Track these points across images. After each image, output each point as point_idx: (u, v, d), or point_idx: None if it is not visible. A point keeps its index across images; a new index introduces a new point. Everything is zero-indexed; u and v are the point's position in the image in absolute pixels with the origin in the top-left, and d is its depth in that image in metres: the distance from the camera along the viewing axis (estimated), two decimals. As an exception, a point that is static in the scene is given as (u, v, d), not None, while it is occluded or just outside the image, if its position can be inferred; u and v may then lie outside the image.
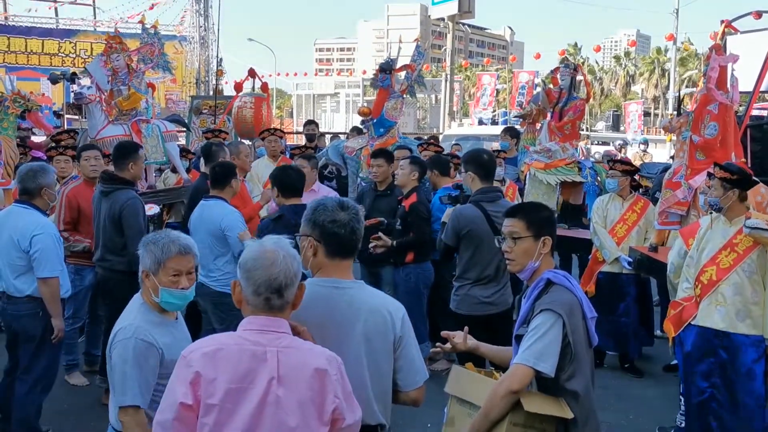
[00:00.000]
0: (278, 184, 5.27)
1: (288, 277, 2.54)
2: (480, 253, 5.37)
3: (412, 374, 2.98)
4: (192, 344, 2.59)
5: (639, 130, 28.23)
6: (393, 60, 9.56)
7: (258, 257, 2.55)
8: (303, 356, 2.52)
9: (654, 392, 6.68)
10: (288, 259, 2.56)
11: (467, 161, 5.63)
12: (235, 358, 2.46)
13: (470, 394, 3.27)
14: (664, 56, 70.61)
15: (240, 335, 2.54)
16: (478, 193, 5.47)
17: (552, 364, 3.08)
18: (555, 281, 3.22)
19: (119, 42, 8.87)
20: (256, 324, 2.54)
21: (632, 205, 7.18)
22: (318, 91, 63.50)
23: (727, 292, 4.97)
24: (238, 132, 12.06)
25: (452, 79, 34.17)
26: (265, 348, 2.49)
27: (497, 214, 5.23)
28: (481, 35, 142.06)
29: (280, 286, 2.53)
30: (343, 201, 3.02)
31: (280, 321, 2.57)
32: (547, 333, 3.09)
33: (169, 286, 3.25)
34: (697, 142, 6.47)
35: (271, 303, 2.55)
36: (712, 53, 6.42)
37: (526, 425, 3.09)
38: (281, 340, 2.53)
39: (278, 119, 27.83)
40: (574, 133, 9.06)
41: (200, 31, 26.95)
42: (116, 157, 6.14)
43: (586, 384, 3.21)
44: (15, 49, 27.27)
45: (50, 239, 4.96)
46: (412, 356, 2.97)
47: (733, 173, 5.06)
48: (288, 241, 2.63)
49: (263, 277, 2.52)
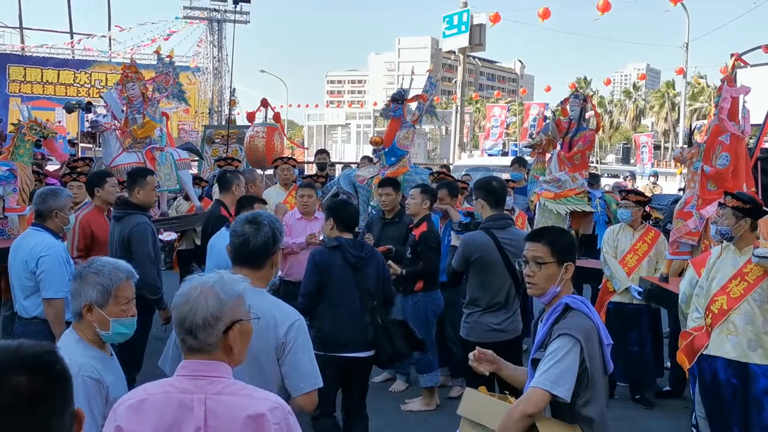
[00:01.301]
0: (336, 218, 5.23)
1: (201, 317, 2.29)
2: (490, 280, 5.39)
3: (296, 380, 3.15)
4: (123, 396, 2.41)
5: (650, 162, 28.25)
6: (405, 90, 9.64)
7: (179, 293, 2.36)
8: (236, 403, 2.26)
9: (665, 424, 6.63)
10: (206, 297, 2.31)
11: (478, 188, 5.67)
12: (159, 408, 2.26)
13: (483, 417, 3.28)
14: (673, 90, 70.84)
15: (170, 382, 2.32)
16: (489, 220, 5.50)
17: (568, 389, 3.08)
18: (573, 306, 3.23)
19: (135, 71, 8.99)
20: (187, 368, 2.32)
21: (643, 236, 7.18)
22: (329, 121, 63.91)
23: (738, 321, 4.95)
24: (250, 161, 12.15)
25: (463, 110, 34.35)
26: (192, 396, 2.26)
27: (508, 241, 5.35)
28: (492, 68, 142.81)
29: (191, 327, 2.29)
30: (255, 216, 3.36)
31: (216, 364, 2.31)
32: (565, 357, 3.09)
33: (119, 315, 3.04)
34: (708, 172, 6.48)
35: (187, 344, 2.32)
36: (723, 85, 6.45)
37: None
38: (213, 385, 2.27)
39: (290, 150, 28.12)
40: (584, 164, 9.08)
41: (214, 62, 27.26)
42: (127, 183, 6.27)
43: (601, 411, 3.20)
44: (31, 79, 27.67)
45: (56, 260, 4.95)
46: (297, 363, 3.15)
47: (746, 202, 5.07)
48: (232, 277, 2.42)
49: (177, 317, 2.33)
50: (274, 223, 3.37)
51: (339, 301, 5.03)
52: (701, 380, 5.18)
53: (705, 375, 5.13)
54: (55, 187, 5.76)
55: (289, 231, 7.48)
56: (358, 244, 5.18)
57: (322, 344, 4.87)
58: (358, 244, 5.20)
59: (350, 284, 5.05)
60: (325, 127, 61.76)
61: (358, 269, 5.08)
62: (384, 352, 5.15)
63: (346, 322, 5.00)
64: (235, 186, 7.01)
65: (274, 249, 3.34)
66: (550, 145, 9.33)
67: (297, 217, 7.59)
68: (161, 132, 9.07)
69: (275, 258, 3.36)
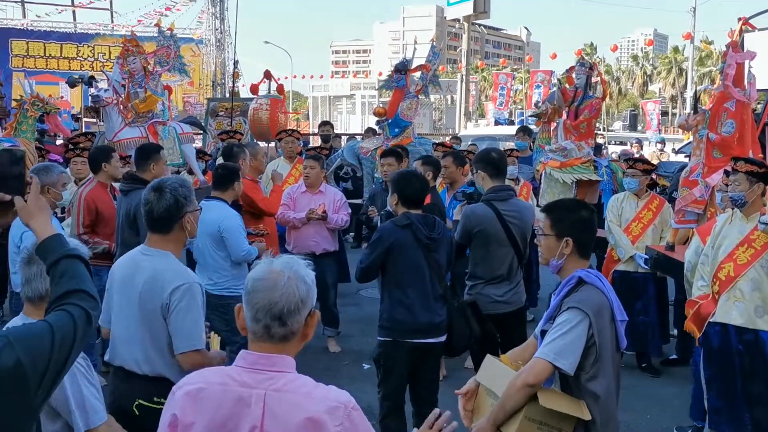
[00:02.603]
0: (399, 193, 4.92)
1: (292, 302, 2.22)
2: (491, 252, 5.32)
3: (176, 341, 3.41)
4: (184, 378, 2.34)
5: (657, 129, 28.05)
6: (408, 61, 9.58)
7: (260, 278, 2.25)
8: (295, 402, 2.17)
9: (672, 391, 6.64)
10: (294, 282, 2.24)
11: (477, 160, 5.59)
12: (217, 400, 2.20)
13: (495, 384, 3.30)
14: (681, 55, 70.19)
15: (229, 373, 2.25)
16: (490, 191, 5.41)
17: (572, 362, 3.09)
18: (587, 280, 3.23)
19: (135, 45, 8.93)
20: (248, 360, 2.25)
21: (648, 204, 7.14)
22: (334, 92, 63.60)
23: (746, 288, 4.95)
24: (254, 134, 12.11)
25: (468, 79, 34.14)
26: (251, 391, 2.19)
27: (509, 213, 5.28)
28: (497, 36, 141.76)
29: (281, 313, 2.21)
30: (160, 183, 3.58)
31: (277, 358, 2.24)
32: (571, 330, 3.10)
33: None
34: (714, 139, 6.42)
35: (272, 332, 2.23)
36: (728, 50, 6.37)
37: (542, 422, 3.09)
38: (274, 381, 2.20)
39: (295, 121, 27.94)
40: (590, 132, 9.02)
41: (216, 33, 27.07)
42: (138, 158, 6.23)
43: (608, 387, 3.19)
44: (34, 54, 27.53)
45: None
46: (178, 324, 3.40)
47: (760, 166, 5.02)
48: (304, 263, 2.34)
49: (263, 302, 2.22)
50: (177, 189, 3.52)
51: (409, 283, 4.76)
52: (706, 347, 5.17)
53: (711, 342, 5.12)
54: (48, 164, 5.76)
55: (293, 204, 7.46)
56: (429, 222, 4.85)
57: (392, 330, 4.76)
58: (429, 221, 4.86)
59: (422, 266, 4.77)
60: (330, 98, 61.46)
61: (430, 250, 4.79)
62: (460, 337, 4.93)
63: (418, 306, 4.74)
64: (241, 159, 6.98)
65: (179, 214, 3.52)
66: (555, 113, 9.25)
67: (302, 190, 7.56)
68: (163, 106, 9.03)
69: (183, 222, 3.54)
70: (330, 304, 7.71)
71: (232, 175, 6.02)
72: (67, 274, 2.27)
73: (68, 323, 2.12)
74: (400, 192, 4.89)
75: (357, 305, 9.46)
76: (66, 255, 2.31)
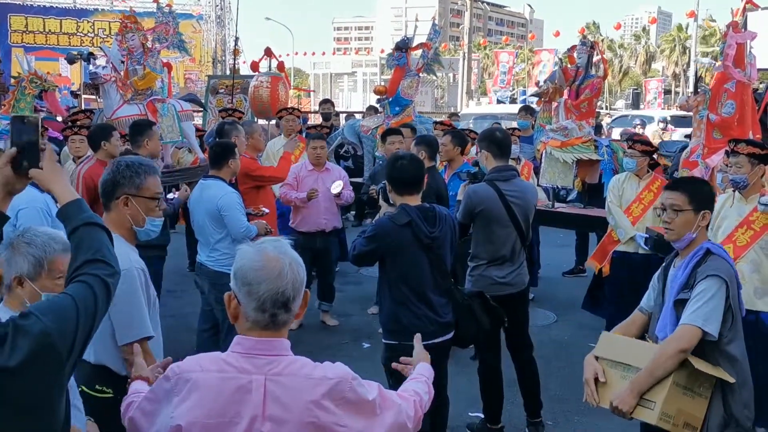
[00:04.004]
0: (390, 179, 4.56)
1: (296, 288, 2.19)
2: (494, 233, 5.21)
3: (118, 332, 3.28)
4: (175, 365, 2.26)
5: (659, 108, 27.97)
6: (409, 39, 9.53)
7: (261, 267, 2.18)
8: (297, 385, 2.15)
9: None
10: (295, 266, 2.20)
11: (481, 139, 5.49)
12: (215, 389, 2.14)
13: (627, 356, 3.44)
14: (685, 33, 69.78)
15: (226, 359, 2.20)
16: (493, 171, 5.29)
17: (717, 327, 3.29)
18: (714, 251, 3.46)
19: (134, 21, 8.86)
20: (245, 345, 2.20)
21: (649, 185, 7.09)
22: (335, 70, 63.46)
23: (745, 270, 4.94)
24: (255, 112, 12.06)
25: (470, 57, 33.99)
26: (251, 377, 2.15)
27: (512, 193, 5.18)
28: (500, 13, 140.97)
29: (288, 300, 2.18)
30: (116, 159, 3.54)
31: (275, 341, 2.20)
32: (713, 297, 3.30)
33: (52, 290, 2.71)
34: (714, 120, 6.40)
35: (278, 319, 2.19)
36: (729, 31, 6.33)
37: (686, 387, 3.28)
38: (273, 365, 2.17)
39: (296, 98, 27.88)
40: (591, 111, 8.97)
41: (216, 10, 26.87)
42: (132, 135, 6.23)
43: (743, 350, 3.43)
44: (33, 29, 27.33)
45: (34, 213, 4.80)
46: (119, 315, 3.23)
47: (762, 148, 5.01)
48: (288, 242, 2.29)
49: (270, 292, 2.16)
50: (121, 167, 3.36)
51: (411, 283, 4.48)
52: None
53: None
54: None
55: (298, 184, 7.47)
56: (430, 217, 4.47)
57: (396, 333, 4.49)
58: (430, 216, 4.47)
59: (423, 265, 4.46)
60: (331, 76, 61.26)
61: (431, 249, 4.47)
62: (467, 331, 4.74)
63: (422, 307, 4.49)
64: (234, 137, 6.95)
65: (114, 193, 3.34)
66: (556, 93, 9.20)
67: (309, 168, 7.56)
68: (162, 83, 8.98)
69: (120, 204, 3.34)
70: (330, 279, 7.78)
71: (226, 153, 5.99)
72: (84, 242, 2.27)
73: (88, 294, 2.13)
74: (390, 177, 4.55)
75: (357, 284, 9.48)
76: (84, 223, 2.30)
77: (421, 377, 2.73)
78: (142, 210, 3.38)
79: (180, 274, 9.25)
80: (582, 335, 7.34)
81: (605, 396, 3.45)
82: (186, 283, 8.33)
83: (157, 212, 3.45)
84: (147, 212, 3.40)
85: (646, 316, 3.74)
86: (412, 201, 4.48)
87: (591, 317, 7.56)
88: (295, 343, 4.99)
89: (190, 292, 6.99)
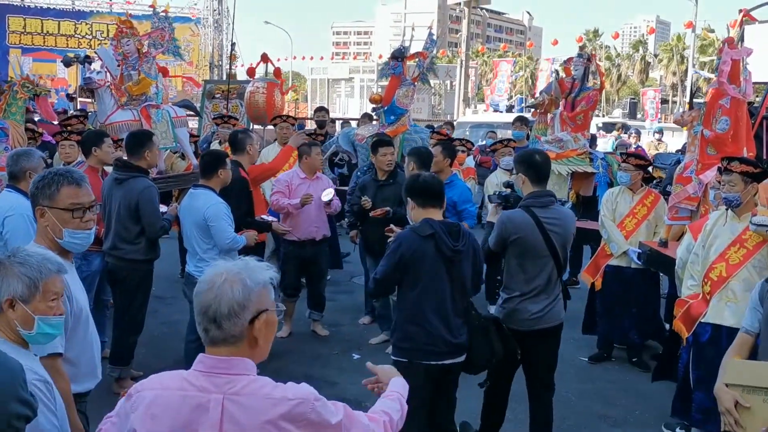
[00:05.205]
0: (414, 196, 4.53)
1: (226, 305, 2.14)
2: (528, 262, 4.85)
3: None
4: (142, 382, 2.27)
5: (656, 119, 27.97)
6: (405, 48, 9.49)
7: (203, 280, 2.20)
8: (255, 406, 2.13)
9: (661, 387, 6.61)
10: (230, 284, 2.16)
11: (518, 162, 5.09)
12: (175, 407, 2.14)
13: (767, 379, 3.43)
14: (683, 43, 69.99)
15: (187, 378, 2.19)
16: (530, 197, 4.91)
17: None
18: None
19: (130, 26, 8.82)
20: (205, 364, 2.19)
21: (642, 199, 7.09)
22: (333, 75, 63.38)
23: (738, 289, 4.90)
24: (250, 117, 12.03)
25: (467, 65, 34.00)
26: (209, 395, 2.13)
27: (550, 221, 4.84)
28: (499, 20, 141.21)
29: (216, 316, 2.14)
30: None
31: (236, 361, 2.17)
32: None
33: (45, 313, 2.68)
34: (708, 136, 6.38)
35: (210, 334, 2.17)
36: (724, 47, 6.31)
37: None
38: (232, 384, 2.15)
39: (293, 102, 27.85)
40: (586, 124, 8.99)
41: (214, 14, 26.86)
42: (131, 146, 6.14)
43: None
44: (31, 30, 27.33)
45: (22, 220, 4.78)
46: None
47: (756, 166, 4.98)
48: (258, 265, 2.26)
49: (200, 305, 2.18)
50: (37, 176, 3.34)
51: (428, 299, 4.37)
52: (697, 347, 5.14)
53: (702, 342, 5.09)
54: (28, 149, 5.71)
55: (290, 192, 7.43)
56: (454, 230, 4.43)
57: (407, 350, 4.38)
58: (454, 230, 4.44)
59: (443, 280, 4.38)
60: (329, 81, 61.21)
61: (453, 263, 4.39)
62: (481, 355, 4.60)
63: (437, 325, 4.37)
64: (249, 146, 6.98)
65: (35, 204, 3.31)
66: (552, 104, 9.21)
67: (301, 176, 7.53)
68: (157, 89, 8.94)
69: (40, 213, 3.29)
70: (321, 288, 7.73)
71: (216, 162, 5.98)
72: None
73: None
74: (412, 190, 4.53)
75: (349, 293, 9.44)
76: None
77: (394, 393, 2.67)
78: (58, 222, 3.29)
79: (171, 281, 9.20)
80: (574, 347, 7.31)
81: (751, 422, 3.38)
82: (177, 290, 8.28)
83: (77, 224, 3.32)
84: (63, 224, 3.29)
85: (752, 337, 3.75)
86: (436, 215, 4.46)
87: (580, 328, 7.54)
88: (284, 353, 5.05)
89: (180, 298, 6.95)
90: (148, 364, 6.35)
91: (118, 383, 6.01)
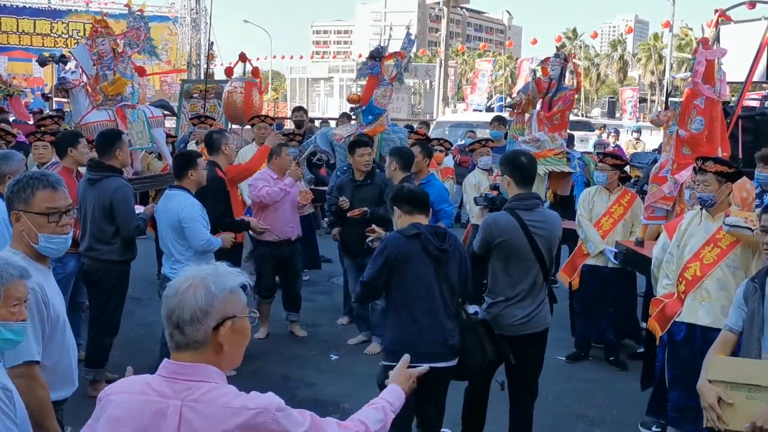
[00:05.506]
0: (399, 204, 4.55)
1: (189, 311, 2.13)
2: (513, 266, 4.79)
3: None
4: (108, 386, 2.28)
5: (634, 117, 28.15)
6: (383, 47, 9.48)
7: (171, 285, 2.21)
8: (213, 414, 2.10)
9: (638, 386, 6.64)
10: (194, 290, 2.15)
11: (503, 163, 5.01)
12: (137, 412, 2.14)
13: (748, 376, 3.46)
14: (661, 42, 70.46)
15: (149, 382, 2.18)
16: (515, 199, 4.85)
17: None
18: None
19: (105, 26, 8.74)
20: (168, 369, 2.17)
21: (619, 198, 7.13)
22: (312, 75, 63.26)
23: (712, 288, 4.92)
24: (228, 117, 11.97)
25: (446, 65, 34.04)
26: (168, 401, 2.12)
27: (535, 224, 4.78)
28: (479, 19, 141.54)
29: (179, 321, 2.14)
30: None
31: (198, 367, 2.15)
32: None
33: (7, 318, 2.62)
34: (683, 136, 6.42)
35: (174, 339, 2.16)
36: (699, 47, 6.35)
37: None
38: (191, 391, 2.12)
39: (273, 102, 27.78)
40: (563, 123, 9.01)
41: (191, 13, 26.69)
42: (102, 146, 6.11)
43: None
44: (7, 29, 27.08)
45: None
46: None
47: (730, 166, 5.01)
48: (233, 271, 2.25)
49: (165, 310, 2.18)
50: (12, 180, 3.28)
51: (418, 301, 4.34)
52: (671, 346, 5.16)
53: (676, 341, 5.11)
54: (7, 152, 5.64)
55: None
56: (440, 232, 4.43)
57: (398, 354, 4.05)
58: (440, 231, 4.45)
59: (431, 281, 4.35)
60: (308, 81, 61.07)
61: (440, 263, 4.38)
62: (473, 359, 4.52)
63: (425, 327, 4.32)
64: (224, 145, 7.00)
65: (11, 208, 3.26)
66: (529, 104, 9.23)
67: (273, 177, 7.49)
68: (133, 89, 8.86)
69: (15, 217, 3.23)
70: (297, 288, 7.70)
71: (187, 163, 5.96)
72: None
73: None
74: (398, 197, 4.56)
75: (327, 293, 9.41)
76: None
77: (381, 402, 2.63)
78: (34, 226, 3.22)
79: (148, 282, 9.13)
80: (552, 346, 7.26)
81: (734, 418, 3.44)
82: (154, 291, 8.22)
83: (53, 228, 3.26)
84: (39, 229, 3.23)
85: (736, 335, 3.84)
86: (422, 221, 4.48)
87: (558, 327, 7.54)
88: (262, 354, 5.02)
89: (157, 300, 6.90)
90: (123, 367, 6.28)
91: (93, 386, 5.94)
